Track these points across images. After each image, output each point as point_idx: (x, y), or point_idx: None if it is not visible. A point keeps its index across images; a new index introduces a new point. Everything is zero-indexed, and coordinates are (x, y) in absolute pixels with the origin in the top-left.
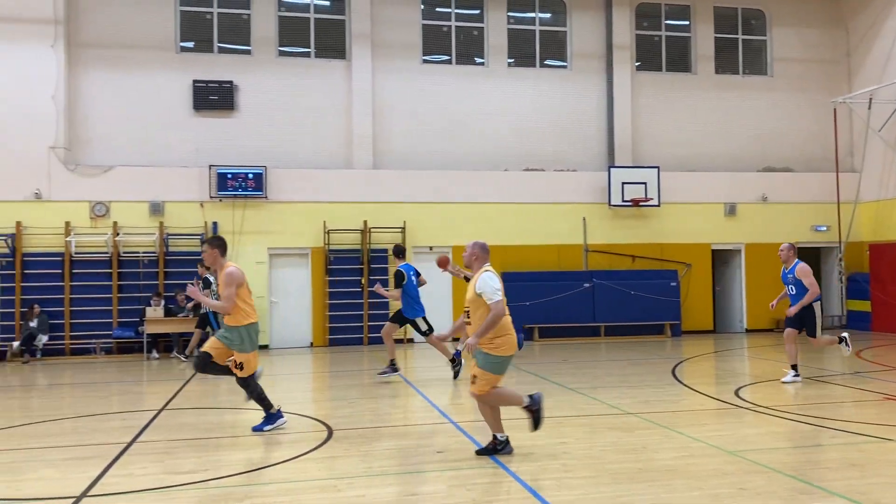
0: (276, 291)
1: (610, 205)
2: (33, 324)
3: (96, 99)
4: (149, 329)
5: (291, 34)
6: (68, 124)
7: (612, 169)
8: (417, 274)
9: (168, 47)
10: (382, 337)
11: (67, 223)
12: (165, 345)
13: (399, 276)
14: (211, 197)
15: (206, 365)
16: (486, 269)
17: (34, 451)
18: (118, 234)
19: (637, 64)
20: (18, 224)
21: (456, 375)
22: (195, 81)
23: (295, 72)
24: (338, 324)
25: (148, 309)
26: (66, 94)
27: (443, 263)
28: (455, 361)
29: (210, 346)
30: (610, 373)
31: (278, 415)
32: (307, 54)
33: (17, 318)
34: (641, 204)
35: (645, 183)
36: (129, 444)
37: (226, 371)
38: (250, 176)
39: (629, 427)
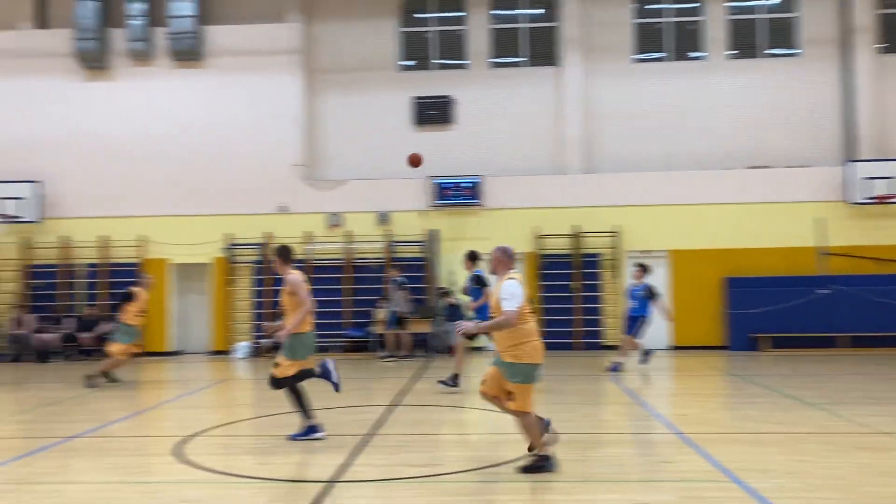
0: None
1: (850, 203)
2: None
3: (330, 120)
4: (378, 330)
5: (503, 45)
6: (308, 144)
7: (852, 163)
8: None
9: (390, 67)
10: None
11: (308, 233)
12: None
13: (480, 279)
14: (431, 206)
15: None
16: (511, 277)
17: (283, 438)
18: (350, 243)
19: (882, 46)
20: (268, 234)
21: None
22: (415, 98)
23: (507, 82)
24: (549, 328)
25: (376, 311)
26: (306, 116)
27: (415, 161)
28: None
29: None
30: (854, 387)
31: (316, 429)
32: (518, 63)
33: (268, 318)
34: (889, 201)
35: (893, 177)
36: (369, 436)
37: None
38: (467, 185)
39: (883, 447)
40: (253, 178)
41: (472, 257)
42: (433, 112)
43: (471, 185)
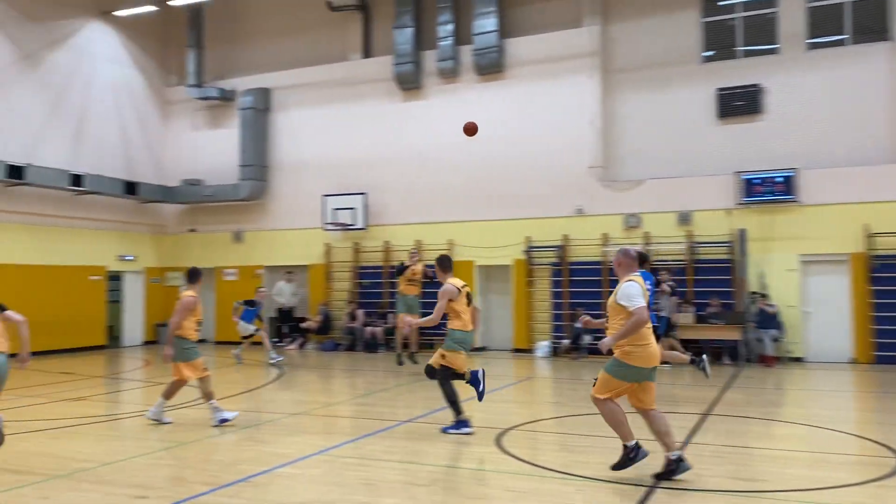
0: (810, 301)
1: None
2: (579, 324)
3: (627, 119)
4: (679, 335)
5: (821, 24)
6: (604, 145)
7: None
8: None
9: (691, 60)
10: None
11: (604, 235)
12: (696, 350)
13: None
14: (738, 204)
15: (433, 373)
16: (630, 279)
17: (603, 438)
18: (649, 244)
19: None
20: (565, 236)
21: (705, 371)
22: (719, 89)
23: (827, 63)
24: (886, 339)
25: (678, 315)
26: (602, 118)
27: (469, 130)
28: (696, 361)
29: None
30: None
31: (465, 424)
32: (840, 42)
33: (565, 319)
34: None
35: None
36: (684, 444)
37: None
38: (779, 179)
39: None
40: (551, 182)
41: (641, 259)
42: (739, 103)
43: (783, 179)
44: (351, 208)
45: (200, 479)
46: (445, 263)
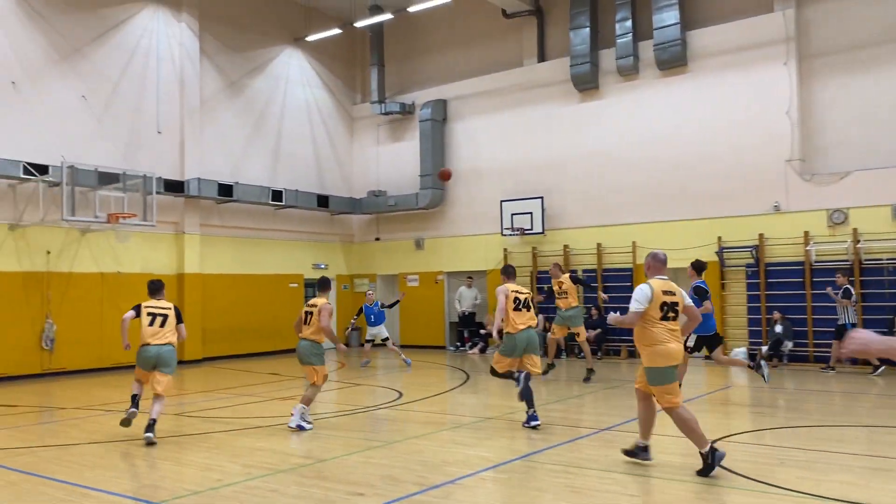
0: None
1: None
2: (778, 329)
3: (828, 107)
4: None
5: None
6: (802, 136)
7: None
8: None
9: None
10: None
11: (806, 233)
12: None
13: (702, 291)
14: None
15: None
16: (647, 281)
17: (828, 454)
18: (858, 241)
19: None
20: (760, 236)
21: (765, 377)
22: None
23: None
24: None
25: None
26: (799, 107)
27: (444, 176)
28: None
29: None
30: None
31: (534, 417)
32: None
33: (763, 323)
34: None
35: None
36: None
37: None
38: None
39: None
40: (743, 178)
41: (698, 268)
42: None
43: None
44: (528, 213)
45: (411, 479)
46: (506, 271)
